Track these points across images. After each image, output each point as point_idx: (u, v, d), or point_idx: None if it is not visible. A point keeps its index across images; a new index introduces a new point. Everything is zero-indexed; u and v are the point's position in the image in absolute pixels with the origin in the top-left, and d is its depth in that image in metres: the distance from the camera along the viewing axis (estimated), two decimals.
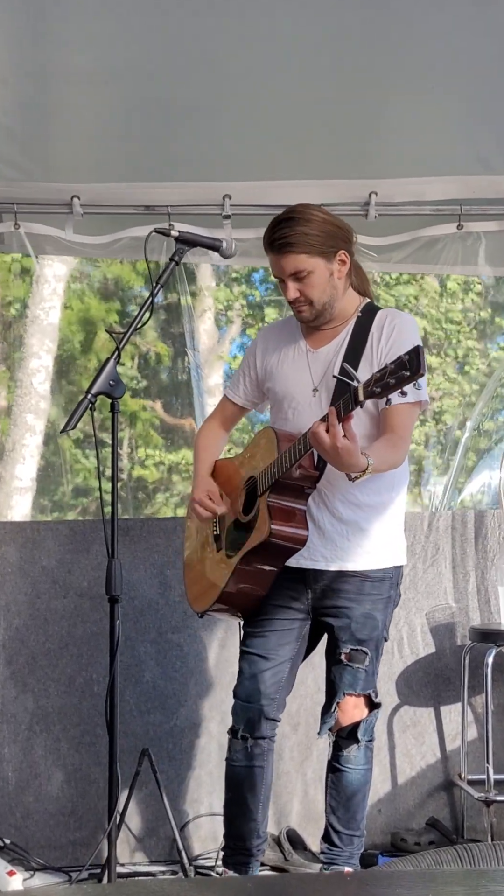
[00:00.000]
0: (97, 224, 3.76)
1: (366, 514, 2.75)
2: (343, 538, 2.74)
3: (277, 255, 2.74)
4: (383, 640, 2.83)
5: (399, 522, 2.84)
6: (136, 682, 3.56)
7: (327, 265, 2.73)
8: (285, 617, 2.80)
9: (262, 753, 2.82)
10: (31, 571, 3.59)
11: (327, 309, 2.77)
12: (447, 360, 10.08)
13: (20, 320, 8.10)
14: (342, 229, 2.79)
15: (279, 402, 2.86)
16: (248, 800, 2.82)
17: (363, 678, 2.77)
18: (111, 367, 2.69)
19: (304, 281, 2.72)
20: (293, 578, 2.77)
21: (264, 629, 2.81)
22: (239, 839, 2.84)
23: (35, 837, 3.46)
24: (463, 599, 3.69)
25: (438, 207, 3.73)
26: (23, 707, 3.52)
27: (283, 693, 2.83)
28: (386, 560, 2.79)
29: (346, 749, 2.79)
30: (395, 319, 2.77)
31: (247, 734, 2.80)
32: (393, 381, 2.31)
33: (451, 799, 3.61)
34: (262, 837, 2.86)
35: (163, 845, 3.46)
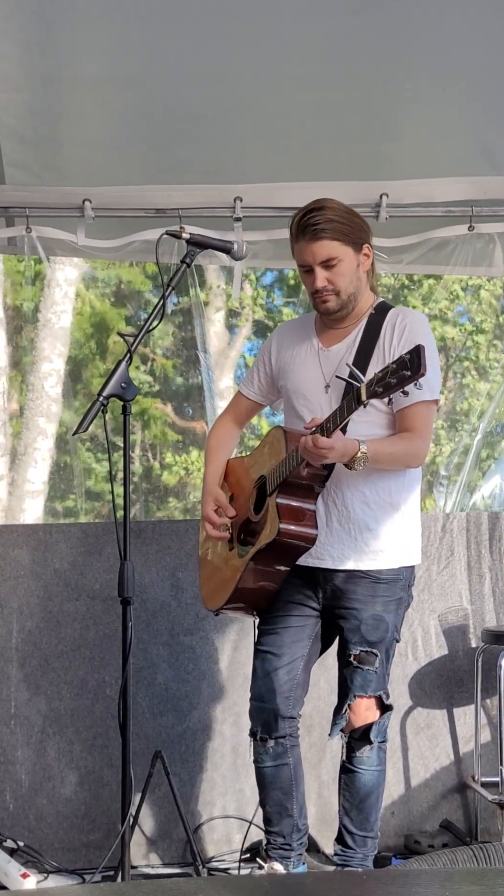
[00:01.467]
0: (108, 227, 3.77)
1: (375, 513, 2.74)
2: (352, 538, 2.73)
3: (309, 242, 2.71)
4: (394, 642, 2.82)
5: (412, 523, 2.83)
6: (148, 684, 3.56)
7: (356, 255, 2.74)
8: (298, 614, 2.80)
9: (286, 752, 2.82)
10: (44, 574, 3.59)
11: (351, 301, 2.77)
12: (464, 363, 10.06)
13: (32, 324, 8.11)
14: (365, 223, 2.81)
15: (290, 399, 2.86)
16: (282, 798, 2.83)
17: (374, 680, 2.76)
18: (123, 370, 2.70)
19: (333, 269, 2.72)
20: (304, 577, 2.77)
21: (277, 626, 2.81)
22: (279, 835, 2.85)
23: (48, 840, 3.46)
24: (478, 601, 3.68)
25: (449, 209, 3.73)
26: (36, 709, 3.53)
27: (298, 691, 2.82)
28: (395, 560, 2.77)
29: (358, 750, 2.78)
30: (406, 318, 2.76)
31: (265, 735, 2.81)
32: (394, 380, 2.31)
33: (465, 801, 3.60)
34: (302, 831, 2.86)
35: (176, 847, 3.46)
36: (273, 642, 2.81)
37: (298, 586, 2.78)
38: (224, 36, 2.97)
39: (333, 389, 2.75)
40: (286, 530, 2.63)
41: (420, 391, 2.57)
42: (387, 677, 2.81)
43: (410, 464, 2.71)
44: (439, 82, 3.19)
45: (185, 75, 3.14)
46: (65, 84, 3.18)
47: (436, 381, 2.73)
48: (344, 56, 3.08)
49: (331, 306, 2.76)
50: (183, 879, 2.56)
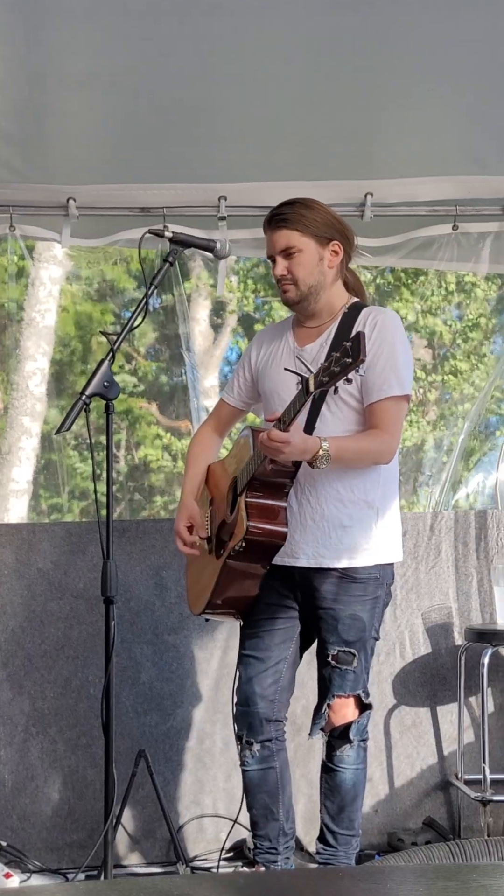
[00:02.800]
0: (93, 226, 3.76)
1: (350, 510, 2.73)
2: (326, 535, 2.73)
3: (272, 232, 2.78)
4: (373, 641, 2.81)
5: (389, 521, 2.82)
6: (132, 683, 3.55)
7: (318, 248, 2.76)
8: (279, 616, 2.81)
9: (272, 755, 2.82)
10: (27, 573, 3.58)
11: (313, 294, 2.77)
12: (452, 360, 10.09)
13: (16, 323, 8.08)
14: (342, 224, 2.82)
15: (267, 399, 2.87)
16: (268, 802, 2.83)
17: (352, 679, 2.76)
18: (105, 369, 2.69)
19: (292, 258, 2.75)
20: (281, 577, 2.77)
21: (259, 630, 2.81)
22: (266, 839, 2.85)
23: (32, 839, 3.45)
24: (465, 600, 3.69)
25: (434, 208, 3.74)
26: (19, 709, 3.52)
27: (284, 694, 2.83)
28: (371, 558, 2.76)
29: (339, 749, 2.78)
30: (377, 316, 2.77)
31: (251, 739, 2.81)
32: (337, 368, 2.33)
33: (448, 799, 3.61)
34: (288, 835, 2.86)
35: (160, 847, 3.46)
36: (256, 646, 2.81)
37: (277, 588, 2.78)
38: (209, 35, 2.97)
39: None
40: (255, 528, 2.63)
41: (387, 387, 2.61)
42: (366, 676, 2.80)
43: (378, 460, 2.71)
44: (424, 82, 3.19)
45: (170, 74, 3.13)
46: (50, 82, 3.17)
47: (406, 378, 2.74)
48: (329, 55, 3.07)
49: (290, 296, 2.79)
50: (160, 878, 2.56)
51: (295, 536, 2.71)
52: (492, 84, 3.20)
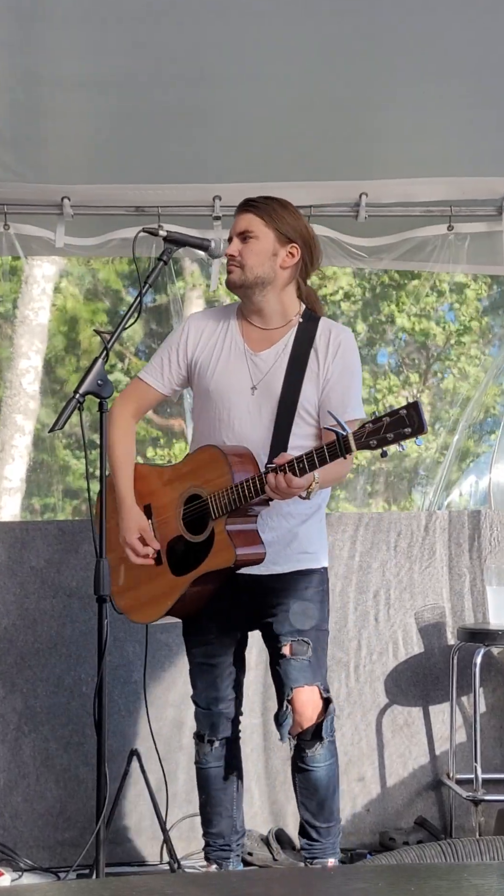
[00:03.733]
0: (87, 225, 3.76)
1: (297, 520, 2.77)
2: (283, 546, 2.75)
3: (238, 215, 2.81)
4: (325, 633, 2.81)
5: (323, 524, 2.87)
6: (124, 682, 3.55)
7: (276, 243, 2.75)
8: (222, 621, 2.81)
9: (230, 753, 2.86)
10: (20, 571, 3.58)
11: (257, 285, 2.75)
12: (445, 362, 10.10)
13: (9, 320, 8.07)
14: (311, 237, 2.81)
15: (213, 401, 2.79)
16: (223, 798, 2.85)
17: (308, 669, 2.73)
18: (99, 367, 2.68)
19: (247, 243, 2.76)
20: (230, 583, 2.76)
21: (209, 636, 2.83)
22: (219, 836, 2.86)
23: (23, 838, 3.45)
24: (458, 600, 3.70)
25: (429, 209, 3.74)
26: (11, 707, 3.51)
27: (238, 688, 2.86)
28: (319, 560, 2.81)
29: (310, 749, 2.75)
30: (339, 335, 2.78)
31: (213, 737, 2.84)
32: (391, 436, 2.33)
33: (440, 798, 3.62)
34: (240, 832, 2.88)
35: (152, 845, 3.46)
36: (208, 653, 2.83)
37: (227, 594, 2.77)
38: (204, 37, 2.97)
39: (260, 394, 2.74)
40: (243, 556, 2.64)
41: (351, 410, 2.67)
42: (324, 671, 2.79)
43: (342, 478, 2.80)
44: (419, 83, 3.19)
45: (165, 75, 3.14)
46: (45, 84, 3.17)
47: (360, 401, 2.79)
48: (324, 57, 3.08)
49: (233, 277, 2.77)
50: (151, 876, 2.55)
51: None
52: (487, 85, 3.21)
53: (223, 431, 2.75)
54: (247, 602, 2.79)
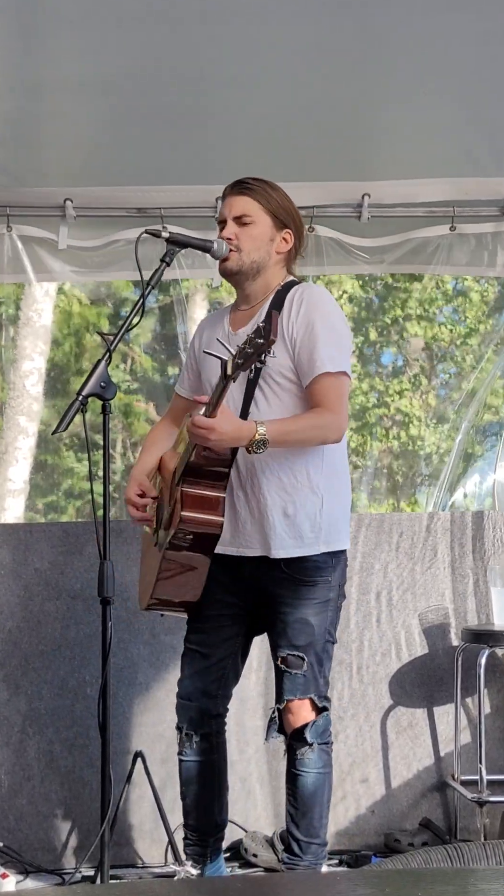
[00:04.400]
0: (90, 227, 3.76)
1: (293, 497, 2.67)
2: (271, 525, 2.67)
3: (232, 196, 2.75)
4: (328, 643, 2.75)
5: (336, 507, 2.73)
6: (129, 683, 3.55)
7: (272, 229, 2.74)
8: (225, 612, 2.77)
9: (211, 748, 2.82)
10: (24, 573, 3.58)
11: (252, 270, 2.74)
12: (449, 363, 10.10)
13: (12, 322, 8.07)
14: (300, 220, 2.81)
15: (205, 385, 2.82)
16: (202, 794, 2.82)
17: (302, 683, 2.69)
18: (102, 369, 2.69)
19: (245, 227, 2.73)
20: (230, 571, 2.73)
21: (205, 625, 2.79)
22: (196, 831, 2.84)
23: (28, 840, 3.45)
24: (461, 601, 3.69)
25: (431, 209, 3.74)
26: (15, 709, 3.51)
27: (226, 688, 2.82)
28: (317, 546, 2.69)
29: (299, 752, 2.72)
30: (304, 293, 2.73)
31: (191, 731, 2.80)
32: (251, 350, 2.30)
33: (445, 799, 3.61)
34: (220, 827, 2.86)
35: (156, 847, 3.45)
36: (203, 642, 2.79)
37: (225, 584, 2.74)
38: (205, 38, 2.97)
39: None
40: (188, 517, 2.59)
41: (320, 364, 2.58)
42: (321, 680, 2.73)
43: (325, 438, 2.63)
44: (421, 83, 3.19)
45: (166, 77, 3.14)
46: (45, 89, 3.17)
47: (338, 355, 2.66)
48: (325, 57, 3.08)
49: (230, 264, 2.74)
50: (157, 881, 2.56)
51: (246, 527, 2.69)
52: (488, 85, 3.21)
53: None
54: (253, 600, 2.76)
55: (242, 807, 3.51)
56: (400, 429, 9.73)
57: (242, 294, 2.82)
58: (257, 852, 3.35)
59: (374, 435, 9.46)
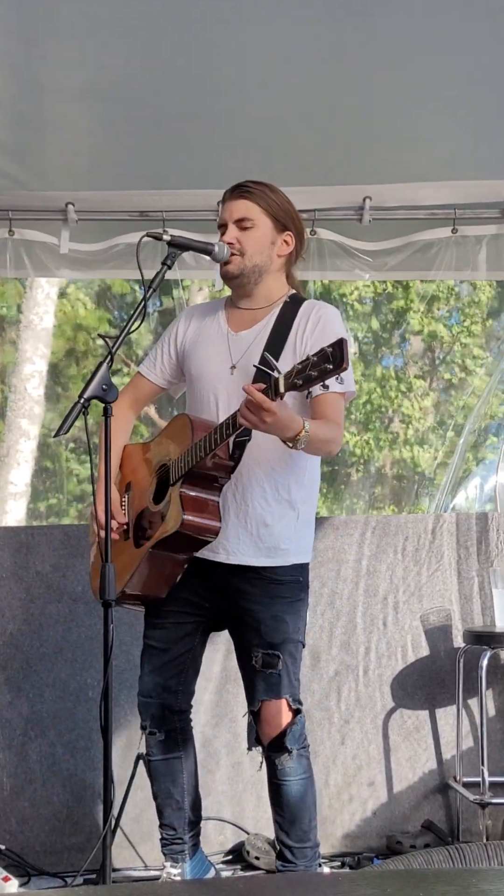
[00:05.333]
0: (92, 231, 3.77)
1: (273, 509, 2.69)
2: (248, 532, 2.68)
3: (232, 199, 2.75)
4: (299, 645, 2.73)
5: (307, 523, 2.77)
6: (130, 686, 3.54)
7: (273, 231, 2.74)
8: (187, 610, 2.76)
9: (177, 745, 2.82)
10: (26, 576, 3.58)
11: (255, 273, 2.74)
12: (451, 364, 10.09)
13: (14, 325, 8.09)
14: (300, 223, 2.81)
15: (195, 382, 2.80)
16: (173, 791, 2.82)
17: (277, 682, 2.67)
18: (104, 372, 2.68)
19: (246, 231, 2.72)
20: (199, 572, 2.72)
21: (166, 620, 2.77)
22: (171, 828, 2.84)
23: (30, 843, 3.45)
24: (466, 603, 3.69)
25: (433, 212, 3.74)
26: (17, 712, 3.52)
27: (186, 684, 2.81)
28: (290, 558, 2.71)
29: (278, 761, 2.70)
30: (321, 310, 2.73)
31: (155, 729, 2.80)
32: (315, 373, 2.26)
33: (447, 801, 3.61)
34: (194, 824, 2.85)
35: (158, 850, 3.43)
36: (163, 638, 2.78)
37: (192, 583, 2.73)
38: (206, 44, 2.98)
39: (239, 373, 2.70)
40: (190, 521, 2.59)
41: (344, 383, 2.58)
42: (296, 682, 2.72)
43: (331, 451, 2.65)
44: (422, 88, 3.20)
45: (168, 83, 3.14)
46: (47, 95, 3.19)
47: (348, 375, 2.67)
48: (326, 61, 3.08)
49: (232, 268, 2.73)
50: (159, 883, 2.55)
51: (224, 531, 2.67)
52: (489, 89, 3.21)
53: (207, 413, 2.72)
54: (219, 602, 2.74)
55: (253, 811, 3.51)
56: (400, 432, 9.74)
57: (243, 293, 2.79)
58: (259, 854, 3.35)
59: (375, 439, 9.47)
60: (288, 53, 3.05)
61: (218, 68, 3.11)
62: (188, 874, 2.82)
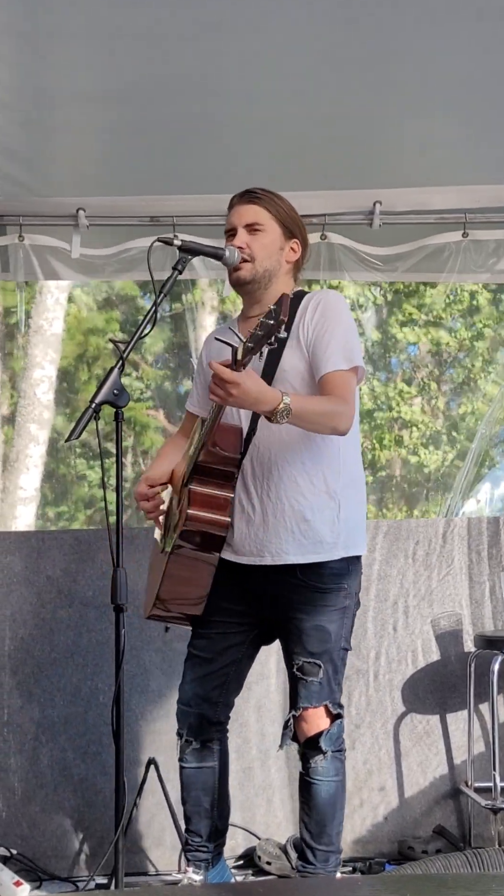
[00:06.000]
0: (102, 236, 3.78)
1: (311, 502, 2.65)
2: (289, 530, 2.65)
3: (241, 204, 2.76)
4: (342, 651, 2.72)
5: (352, 512, 2.72)
6: (141, 691, 3.55)
7: (282, 237, 2.75)
8: (232, 619, 2.76)
9: (212, 755, 2.82)
10: (37, 581, 3.59)
11: (265, 278, 2.74)
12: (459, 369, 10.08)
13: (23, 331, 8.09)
14: (305, 230, 2.82)
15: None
16: (203, 800, 2.81)
17: (318, 691, 2.67)
18: (115, 377, 2.69)
19: (255, 235, 2.73)
20: (242, 578, 2.71)
21: (210, 630, 2.77)
22: (197, 835, 2.84)
23: (42, 847, 3.45)
24: (478, 608, 3.69)
25: (443, 216, 3.74)
26: (28, 717, 3.52)
27: (228, 696, 2.81)
28: (336, 551, 2.67)
29: (312, 760, 2.70)
30: (320, 296, 2.74)
31: (191, 738, 2.80)
32: (262, 332, 2.26)
33: (458, 807, 3.60)
34: (221, 833, 2.86)
35: (170, 855, 3.45)
36: (206, 647, 2.78)
37: (236, 592, 2.73)
38: (215, 50, 2.98)
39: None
40: (194, 515, 2.59)
41: (334, 360, 2.59)
42: (336, 688, 2.72)
43: (336, 425, 2.57)
44: (432, 92, 3.20)
45: (178, 89, 3.15)
46: (56, 101, 3.20)
47: (353, 352, 2.67)
48: (336, 67, 3.09)
49: (243, 274, 2.73)
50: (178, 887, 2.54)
51: (259, 534, 2.67)
52: (500, 92, 3.21)
53: (232, 420, 2.71)
54: (264, 609, 2.74)
55: (264, 816, 3.51)
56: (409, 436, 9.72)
57: (253, 301, 2.81)
58: (271, 860, 3.35)
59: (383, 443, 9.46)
60: (297, 58, 3.05)
61: (227, 73, 3.12)
62: (209, 882, 2.82)
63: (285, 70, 3.10)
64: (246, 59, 3.04)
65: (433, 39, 2.97)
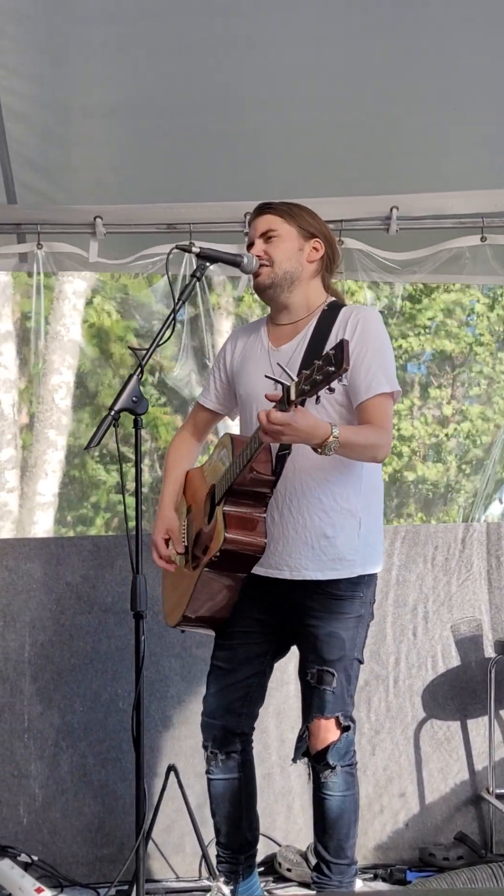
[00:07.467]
0: (120, 244, 3.79)
1: (332, 520, 2.66)
2: (309, 546, 2.66)
3: (255, 219, 2.79)
4: (356, 662, 2.71)
5: (371, 531, 2.73)
6: (161, 697, 3.56)
7: (299, 238, 2.75)
8: (253, 630, 2.76)
9: (237, 766, 2.81)
10: (56, 587, 3.60)
11: (286, 281, 2.73)
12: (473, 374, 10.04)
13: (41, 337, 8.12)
14: (330, 234, 2.82)
15: (244, 403, 2.80)
16: (231, 812, 2.81)
17: (331, 700, 2.66)
18: (134, 384, 2.69)
19: (271, 241, 2.74)
20: (262, 590, 2.71)
21: (233, 641, 2.77)
22: (227, 848, 2.84)
23: (62, 854, 3.46)
24: (498, 613, 3.67)
25: (461, 220, 3.73)
26: (49, 723, 3.53)
27: (252, 707, 2.80)
28: (355, 569, 2.68)
29: (322, 775, 2.68)
30: (359, 314, 2.71)
31: (216, 750, 2.80)
32: (320, 377, 2.24)
33: (480, 813, 3.59)
34: (251, 844, 2.85)
35: (190, 861, 3.45)
36: (228, 658, 2.78)
37: (257, 602, 2.73)
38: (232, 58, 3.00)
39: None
40: (233, 539, 2.58)
41: (375, 384, 2.58)
42: (349, 699, 2.71)
43: (377, 455, 2.61)
44: (449, 97, 3.20)
45: (195, 97, 3.16)
46: (74, 112, 3.22)
47: (392, 374, 2.68)
48: (353, 74, 3.09)
49: (262, 279, 2.74)
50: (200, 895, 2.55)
51: (278, 548, 2.66)
52: None
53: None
54: (284, 620, 2.74)
55: (284, 822, 3.50)
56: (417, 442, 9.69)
57: (280, 306, 2.79)
58: (291, 866, 3.34)
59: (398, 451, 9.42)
60: (313, 66, 3.06)
61: (243, 81, 3.13)
62: (238, 895, 2.82)
63: (301, 78, 3.10)
64: (262, 68, 3.05)
65: (450, 46, 2.97)
